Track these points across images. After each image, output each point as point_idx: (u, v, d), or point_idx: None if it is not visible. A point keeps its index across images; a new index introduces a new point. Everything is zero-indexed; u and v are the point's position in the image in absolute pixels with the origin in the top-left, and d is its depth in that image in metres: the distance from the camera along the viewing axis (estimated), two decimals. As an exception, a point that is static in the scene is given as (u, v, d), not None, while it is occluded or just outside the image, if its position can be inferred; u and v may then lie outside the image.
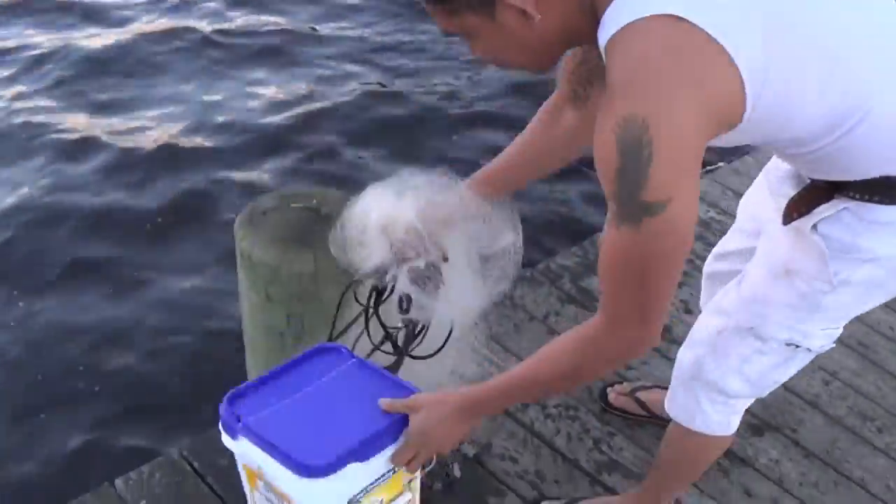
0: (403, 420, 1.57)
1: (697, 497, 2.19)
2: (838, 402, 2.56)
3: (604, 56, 1.17)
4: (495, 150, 1.76)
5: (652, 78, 1.09)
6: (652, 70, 1.09)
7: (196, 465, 2.07)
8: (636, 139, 1.07)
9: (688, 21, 1.08)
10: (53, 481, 2.93)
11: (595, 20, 1.18)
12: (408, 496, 1.71)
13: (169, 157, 4.74)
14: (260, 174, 4.67)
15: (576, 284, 2.85)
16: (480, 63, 1.58)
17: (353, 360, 1.71)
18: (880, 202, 1.33)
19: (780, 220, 1.44)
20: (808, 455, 2.38)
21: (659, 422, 2.35)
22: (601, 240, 1.22)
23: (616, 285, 1.23)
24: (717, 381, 1.66)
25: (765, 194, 1.62)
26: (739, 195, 1.88)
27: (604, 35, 1.15)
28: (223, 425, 1.54)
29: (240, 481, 1.59)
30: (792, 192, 1.43)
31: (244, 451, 1.53)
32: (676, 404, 1.77)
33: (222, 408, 1.54)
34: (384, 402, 1.54)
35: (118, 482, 2.02)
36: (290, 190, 2.18)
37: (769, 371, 1.62)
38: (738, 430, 1.80)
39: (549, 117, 1.67)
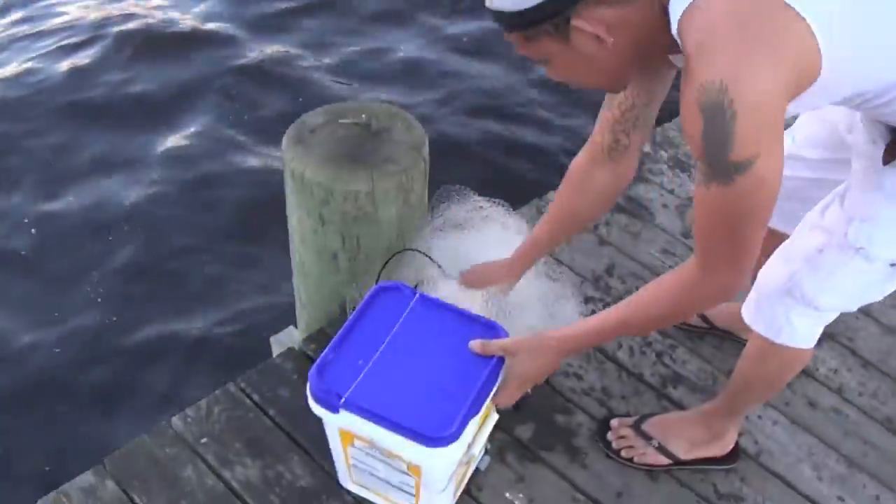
0: (499, 361, 1.59)
1: (762, 407, 2.15)
2: (891, 312, 2.50)
3: (679, 42, 1.20)
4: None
5: (724, 41, 1.12)
6: (722, 34, 1.12)
7: (255, 397, 1.98)
8: (717, 102, 1.10)
9: None
10: (101, 426, 2.85)
11: (665, 17, 1.21)
12: (494, 416, 1.72)
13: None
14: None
15: (623, 194, 2.75)
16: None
17: (418, 296, 1.68)
18: None
19: (878, 157, 1.44)
20: (866, 364, 2.33)
21: (718, 333, 2.30)
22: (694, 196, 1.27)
23: (710, 239, 1.30)
24: (813, 297, 1.61)
25: (839, 128, 1.64)
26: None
27: (674, 20, 1.19)
28: (319, 402, 1.50)
29: (304, 414, 1.55)
30: (880, 136, 1.44)
31: (346, 422, 1.51)
32: (762, 318, 1.72)
33: (313, 382, 1.51)
34: (477, 346, 1.59)
35: (175, 420, 1.94)
36: (337, 105, 2.03)
37: (868, 288, 1.59)
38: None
39: (579, 179, 1.74)
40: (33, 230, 3.71)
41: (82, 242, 3.64)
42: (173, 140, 4.24)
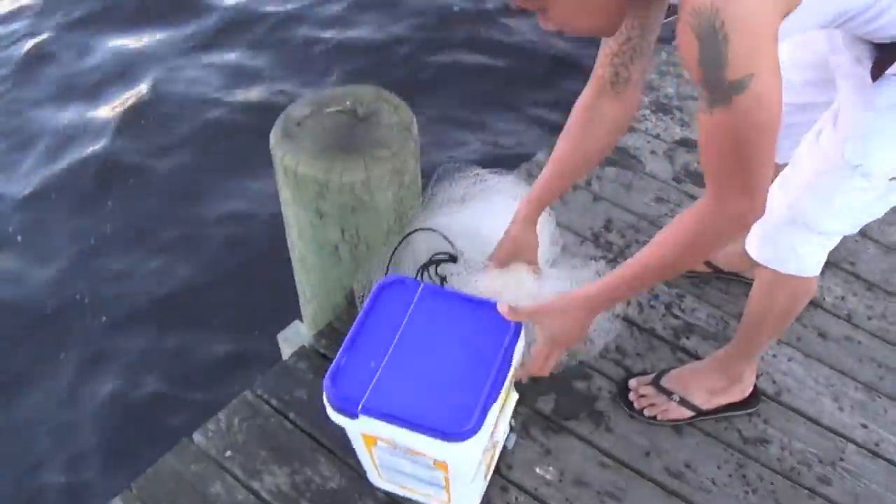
0: (514, 337, 1.54)
1: (775, 346, 2.16)
2: (887, 228, 2.51)
3: None
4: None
5: None
6: None
7: (274, 402, 1.95)
8: (710, 24, 1.12)
9: None
10: (120, 444, 2.80)
11: None
12: (514, 396, 1.71)
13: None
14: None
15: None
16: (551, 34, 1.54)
17: (422, 288, 1.63)
18: None
19: (866, 76, 1.44)
20: (871, 287, 2.35)
21: (723, 275, 2.30)
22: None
23: (719, 165, 1.29)
24: (817, 222, 1.62)
25: (821, 49, 1.63)
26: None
27: None
28: (337, 410, 1.47)
29: (325, 414, 1.50)
30: (864, 56, 1.45)
31: (366, 426, 1.48)
32: (768, 250, 1.72)
33: (328, 391, 1.47)
34: (505, 309, 1.55)
35: (196, 436, 1.89)
36: (320, 94, 1.97)
37: (869, 206, 1.59)
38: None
39: (587, 115, 1.70)
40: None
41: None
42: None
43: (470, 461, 1.53)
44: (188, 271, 3.44)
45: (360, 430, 1.52)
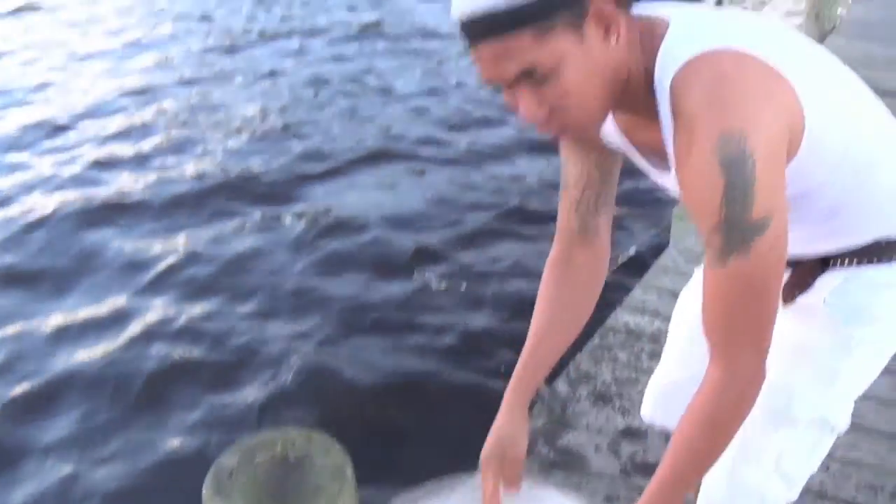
0: None
1: None
2: (843, 483, 2.47)
3: (666, 94, 1.15)
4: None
5: (737, 91, 1.09)
6: (733, 86, 1.10)
7: None
8: (739, 152, 1.05)
9: (743, 51, 1.13)
10: None
11: (646, 61, 1.18)
12: None
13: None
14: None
15: (552, 448, 2.70)
16: (535, 126, 1.23)
17: None
18: (879, 262, 1.36)
19: None
20: None
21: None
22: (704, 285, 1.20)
23: (728, 322, 1.20)
24: (757, 488, 1.53)
25: None
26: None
27: (665, 73, 1.15)
28: None
29: None
30: None
31: None
32: None
33: None
34: None
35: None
36: (248, 441, 1.93)
37: (803, 460, 1.52)
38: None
39: (559, 269, 1.59)
40: None
41: None
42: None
43: None
44: None
45: None
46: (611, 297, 3.40)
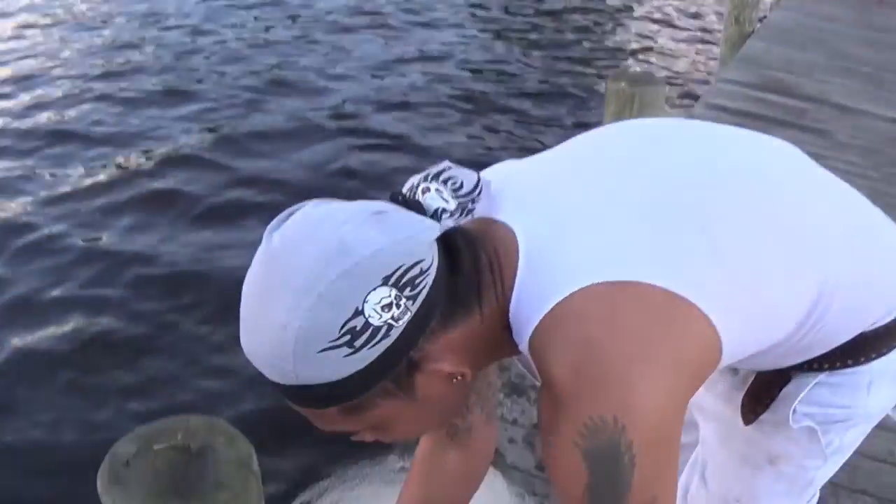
0: None
1: None
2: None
3: (529, 357, 0.95)
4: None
5: (606, 362, 0.88)
6: (603, 355, 0.88)
7: None
8: (612, 446, 0.86)
9: (624, 280, 0.91)
10: None
11: (504, 321, 0.97)
12: None
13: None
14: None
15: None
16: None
17: None
18: (854, 364, 1.18)
19: (736, 419, 1.27)
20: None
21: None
22: None
23: None
24: None
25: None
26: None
27: (523, 329, 0.95)
28: None
29: None
30: (732, 388, 1.28)
31: None
32: None
33: None
34: None
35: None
36: (147, 428, 1.82)
37: None
38: None
39: (425, 467, 1.39)
40: None
41: None
42: None
43: None
44: None
45: None
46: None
